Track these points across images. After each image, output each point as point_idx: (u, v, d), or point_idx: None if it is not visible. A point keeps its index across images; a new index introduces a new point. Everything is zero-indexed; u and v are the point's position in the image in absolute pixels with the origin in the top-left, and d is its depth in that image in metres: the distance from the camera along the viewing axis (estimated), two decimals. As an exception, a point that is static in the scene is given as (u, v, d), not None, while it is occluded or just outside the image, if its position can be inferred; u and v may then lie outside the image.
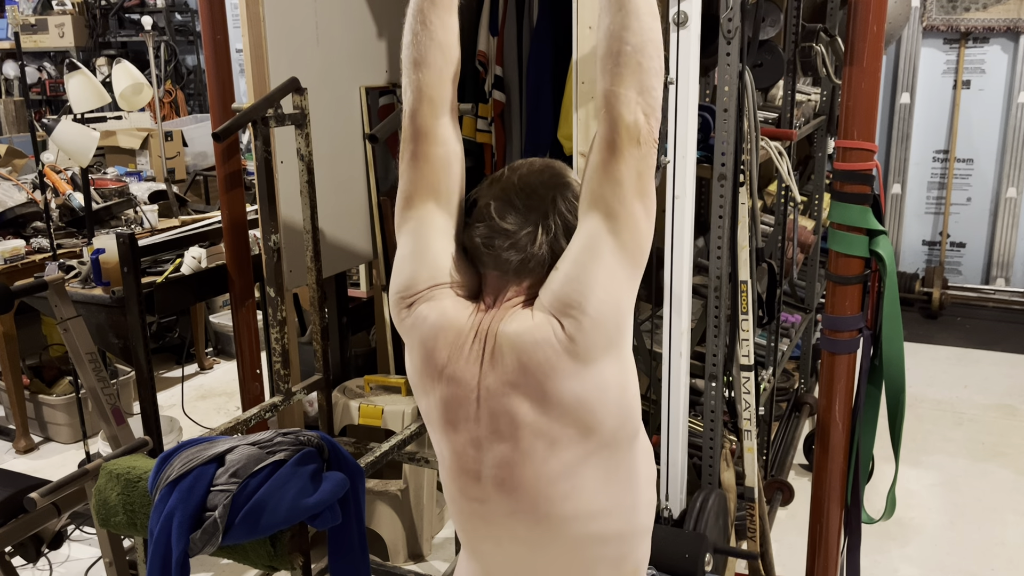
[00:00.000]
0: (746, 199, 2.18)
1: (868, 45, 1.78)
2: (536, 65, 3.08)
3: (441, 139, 1.26)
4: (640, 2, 1.14)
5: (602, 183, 1.16)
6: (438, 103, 1.26)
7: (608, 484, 1.24)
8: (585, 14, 1.96)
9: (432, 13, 1.24)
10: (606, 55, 1.16)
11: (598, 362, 1.17)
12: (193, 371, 4.60)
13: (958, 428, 3.78)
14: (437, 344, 1.22)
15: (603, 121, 1.16)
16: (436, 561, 2.89)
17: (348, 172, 2.99)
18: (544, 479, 1.21)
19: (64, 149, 3.18)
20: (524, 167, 1.24)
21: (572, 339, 1.15)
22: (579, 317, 1.14)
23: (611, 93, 1.15)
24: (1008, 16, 4.94)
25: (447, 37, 1.26)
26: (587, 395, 1.17)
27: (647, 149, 1.16)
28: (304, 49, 2.71)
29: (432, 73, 1.25)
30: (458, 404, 1.23)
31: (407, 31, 1.27)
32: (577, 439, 1.20)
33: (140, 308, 2.59)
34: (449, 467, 1.30)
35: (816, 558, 2.07)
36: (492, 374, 1.20)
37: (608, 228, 1.15)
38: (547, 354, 1.16)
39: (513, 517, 1.25)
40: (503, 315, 1.21)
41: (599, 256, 1.15)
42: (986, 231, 5.33)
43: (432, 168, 1.26)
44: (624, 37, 1.14)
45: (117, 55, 6.42)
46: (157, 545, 1.65)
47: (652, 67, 1.16)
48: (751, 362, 2.28)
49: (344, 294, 3.28)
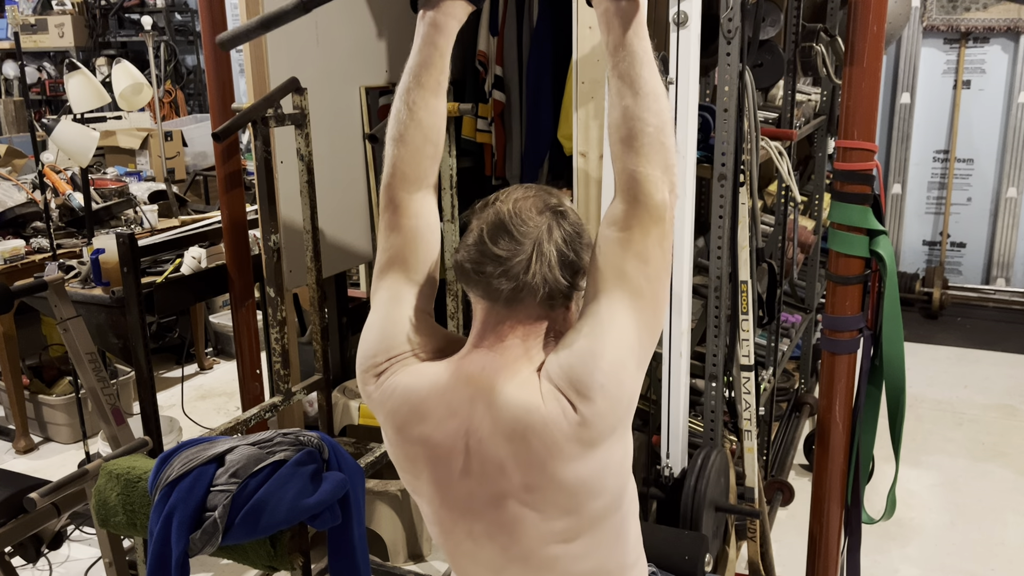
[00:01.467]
0: (746, 199, 2.18)
1: (868, 45, 1.77)
2: (536, 65, 3.08)
3: (413, 212, 1.28)
4: (655, 85, 1.16)
5: (627, 260, 1.14)
6: (411, 179, 1.28)
7: (600, 545, 1.24)
8: (585, 14, 1.95)
9: (417, 94, 1.26)
10: (628, 136, 1.16)
11: (605, 443, 1.15)
12: (193, 371, 4.60)
13: (958, 428, 3.77)
14: (410, 410, 1.20)
15: (625, 200, 1.16)
16: (436, 561, 2.88)
17: (348, 172, 2.99)
18: (536, 540, 1.20)
19: (64, 149, 3.18)
20: (519, 191, 1.21)
21: (584, 424, 1.11)
22: (596, 399, 1.11)
23: (638, 173, 1.15)
24: (1008, 16, 4.94)
25: (429, 119, 1.27)
26: (589, 477, 1.15)
27: (670, 226, 1.17)
28: (304, 49, 2.71)
29: (408, 151, 1.27)
30: (447, 456, 1.20)
31: (393, 107, 1.29)
32: (572, 512, 1.18)
33: (140, 308, 2.59)
34: (440, 525, 1.28)
35: (816, 558, 2.07)
36: (486, 426, 1.16)
37: (632, 306, 1.14)
38: (555, 437, 1.12)
39: (505, 566, 1.25)
40: (500, 367, 1.17)
41: (621, 335, 1.13)
42: (986, 231, 5.32)
43: (403, 239, 1.28)
44: (646, 119, 1.15)
45: (117, 55, 6.41)
46: (157, 545, 1.65)
47: (672, 145, 1.17)
48: (751, 362, 2.28)
49: (344, 294, 3.28)
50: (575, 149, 2.11)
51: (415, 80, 1.25)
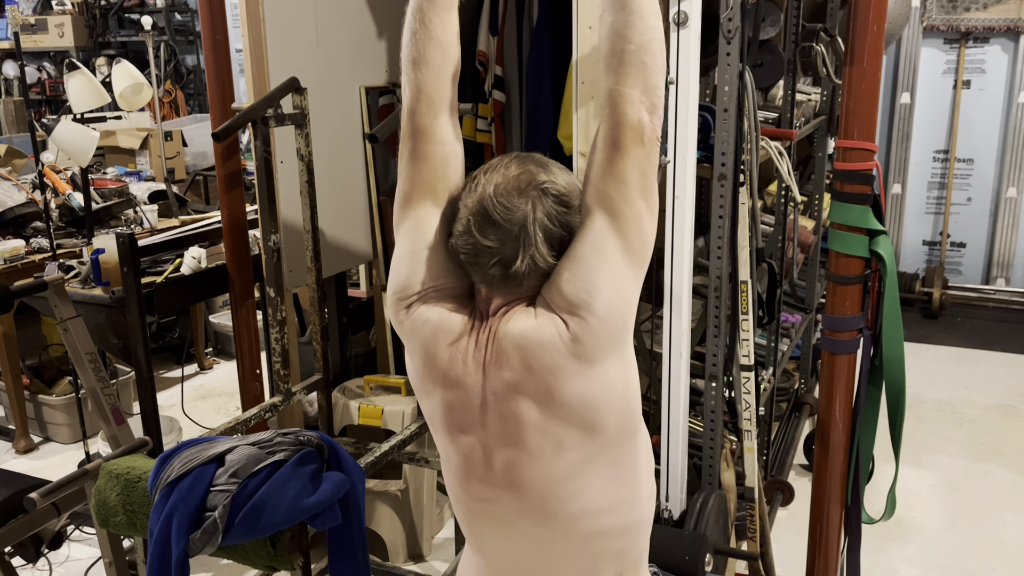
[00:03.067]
0: (746, 199, 2.18)
1: (868, 45, 1.77)
2: (536, 65, 3.08)
3: (439, 138, 1.26)
4: (643, 1, 1.15)
5: (606, 181, 1.16)
6: (436, 102, 1.26)
7: (612, 481, 1.25)
8: (585, 14, 1.95)
9: (431, 11, 1.24)
10: (610, 54, 1.16)
11: (603, 361, 1.17)
12: (193, 371, 4.60)
13: (958, 428, 3.77)
14: (439, 348, 1.22)
15: (606, 119, 1.16)
16: (436, 561, 2.88)
17: (348, 172, 2.99)
18: (552, 479, 1.22)
19: (64, 149, 3.18)
20: (499, 173, 1.19)
21: (578, 340, 1.14)
22: (586, 317, 1.14)
23: (615, 92, 1.15)
24: (1008, 16, 4.94)
25: (446, 36, 1.26)
26: (592, 395, 1.17)
27: (651, 147, 1.16)
28: (304, 49, 2.71)
29: (431, 72, 1.25)
30: (463, 407, 1.23)
31: (406, 30, 1.26)
32: (583, 439, 1.20)
33: (140, 308, 2.59)
34: (455, 469, 1.29)
35: (816, 558, 2.07)
36: (496, 377, 1.19)
37: (613, 227, 1.15)
38: (553, 356, 1.15)
39: (521, 516, 1.26)
40: (502, 316, 1.20)
41: (605, 255, 1.15)
42: (986, 231, 5.32)
43: (430, 167, 1.26)
44: (628, 36, 1.14)
45: (117, 55, 6.41)
46: (157, 545, 1.65)
47: (656, 65, 1.16)
48: (751, 362, 2.28)
49: (344, 294, 3.28)
50: (575, 149, 2.10)
51: None
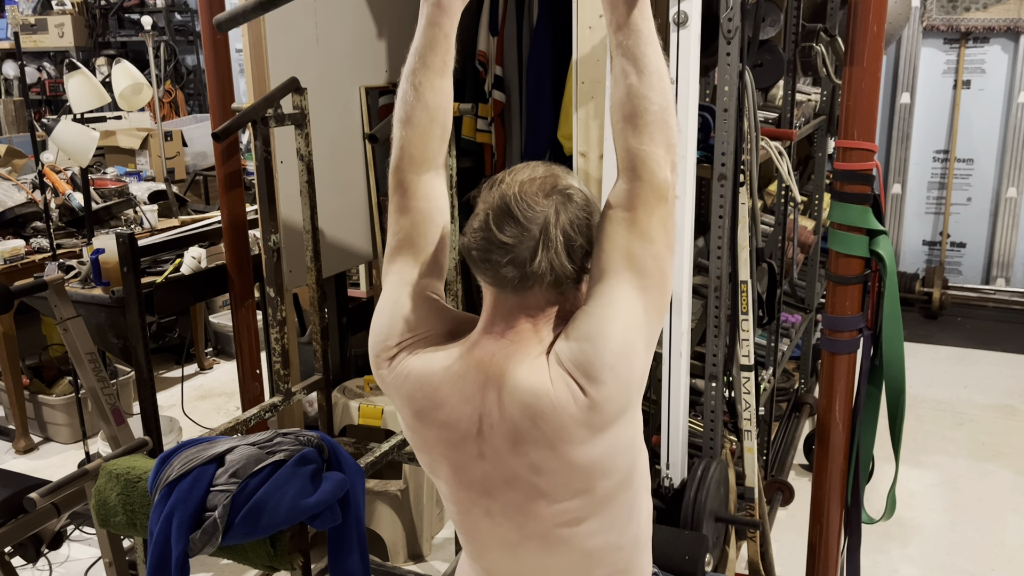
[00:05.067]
0: (746, 199, 2.18)
1: (868, 45, 1.77)
2: (536, 65, 3.08)
3: (422, 194, 1.28)
4: (659, 64, 1.15)
5: (631, 240, 1.14)
6: (419, 161, 1.27)
7: (614, 521, 1.25)
8: (585, 14, 1.96)
9: (422, 75, 1.25)
10: (632, 115, 1.15)
11: (614, 426, 1.15)
12: (193, 371, 4.60)
13: (958, 428, 3.77)
14: (425, 396, 1.21)
15: (629, 179, 1.16)
16: (436, 561, 2.88)
17: (348, 172, 2.99)
18: (550, 519, 1.22)
19: (64, 149, 3.18)
20: (524, 173, 1.18)
21: (593, 407, 1.11)
22: (606, 382, 1.11)
23: (642, 151, 1.15)
24: (1008, 16, 4.94)
25: (436, 99, 1.27)
26: (599, 459, 1.16)
27: (672, 205, 1.17)
28: (304, 49, 2.71)
29: (416, 133, 1.27)
30: (460, 441, 1.21)
31: (399, 90, 1.28)
32: (583, 493, 1.20)
33: (140, 308, 2.59)
34: (457, 505, 1.29)
35: (816, 558, 2.07)
36: (497, 411, 1.17)
37: (639, 287, 1.14)
38: (564, 421, 1.12)
39: (521, 543, 1.26)
40: (511, 353, 1.17)
41: (629, 316, 1.13)
42: (986, 231, 5.32)
43: (412, 222, 1.28)
44: (650, 97, 1.15)
45: (117, 55, 6.41)
46: (157, 545, 1.65)
47: (675, 125, 1.17)
48: (751, 362, 2.28)
49: (344, 294, 3.28)
50: (575, 149, 2.10)
51: (420, 61, 1.25)
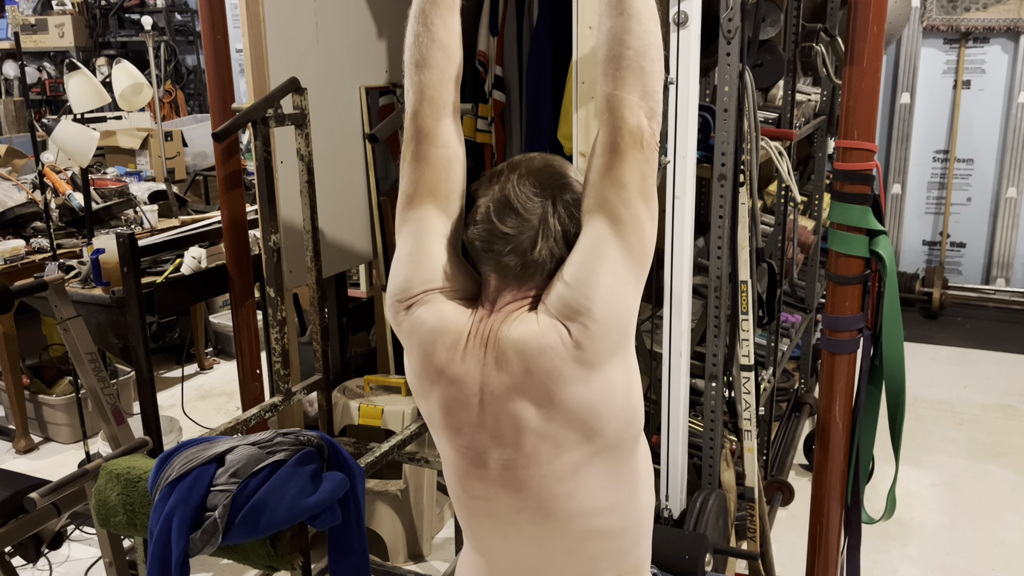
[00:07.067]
0: (746, 199, 2.18)
1: (868, 45, 1.78)
2: (536, 65, 3.08)
3: (442, 140, 1.27)
4: (642, 6, 1.15)
5: (606, 186, 1.16)
6: (439, 104, 1.26)
7: (611, 481, 1.25)
8: (585, 14, 1.96)
9: (434, 14, 1.25)
10: (608, 59, 1.16)
11: (605, 367, 1.17)
12: (193, 371, 4.60)
13: (958, 428, 3.78)
14: (436, 347, 1.22)
15: (605, 125, 1.17)
16: (436, 561, 2.89)
17: (348, 172, 2.99)
18: (549, 479, 1.22)
19: (64, 149, 3.18)
20: (523, 165, 1.22)
21: (579, 346, 1.15)
22: (587, 323, 1.14)
23: (614, 97, 1.16)
24: (1008, 16, 4.94)
25: (449, 38, 1.26)
26: (593, 400, 1.18)
27: (649, 152, 1.17)
28: (304, 49, 2.71)
29: (434, 74, 1.26)
30: (460, 407, 1.23)
31: (409, 32, 1.27)
32: (582, 442, 1.20)
33: (140, 308, 2.59)
34: (453, 467, 1.30)
35: (816, 558, 2.07)
36: (496, 378, 1.19)
37: (614, 232, 1.15)
38: (554, 361, 1.15)
39: (519, 514, 1.26)
40: (505, 318, 1.20)
41: (605, 260, 1.15)
42: (986, 231, 5.32)
43: (432, 169, 1.26)
44: (626, 41, 1.15)
45: (117, 55, 6.41)
46: (157, 545, 1.65)
47: (654, 71, 1.16)
48: (751, 362, 2.28)
49: (344, 294, 3.28)
50: (575, 149, 2.11)
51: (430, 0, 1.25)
